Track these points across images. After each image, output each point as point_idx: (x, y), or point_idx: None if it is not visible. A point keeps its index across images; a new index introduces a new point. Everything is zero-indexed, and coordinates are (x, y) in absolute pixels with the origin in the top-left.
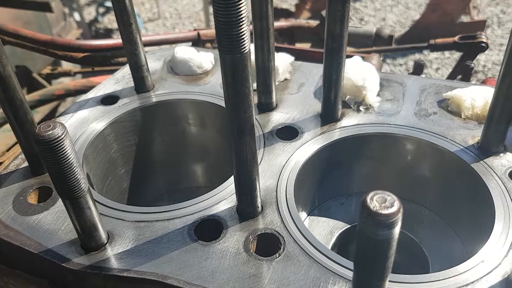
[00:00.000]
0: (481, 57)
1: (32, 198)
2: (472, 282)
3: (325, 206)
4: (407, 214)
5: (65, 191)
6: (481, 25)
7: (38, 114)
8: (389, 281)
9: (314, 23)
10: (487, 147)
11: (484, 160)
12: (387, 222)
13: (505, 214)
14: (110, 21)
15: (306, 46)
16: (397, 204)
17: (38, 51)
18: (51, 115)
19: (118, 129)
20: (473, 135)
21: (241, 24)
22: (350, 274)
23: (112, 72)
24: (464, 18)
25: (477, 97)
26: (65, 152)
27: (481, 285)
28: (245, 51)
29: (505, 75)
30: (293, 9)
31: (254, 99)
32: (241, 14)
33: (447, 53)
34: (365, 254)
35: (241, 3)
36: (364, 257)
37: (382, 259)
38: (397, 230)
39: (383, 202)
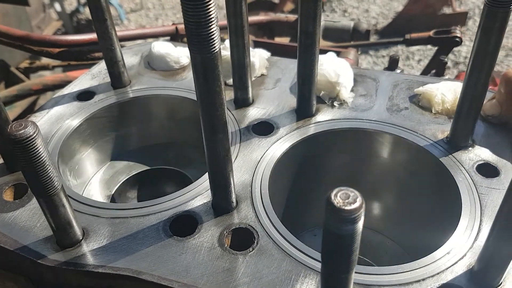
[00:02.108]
0: (463, 49)
1: (8, 195)
2: (438, 273)
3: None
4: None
5: (38, 189)
6: (463, 16)
7: (17, 109)
8: (356, 272)
9: (293, 17)
10: (456, 142)
11: (452, 154)
12: (350, 217)
13: (471, 206)
14: None
15: (285, 40)
16: (359, 200)
17: (13, 46)
18: (30, 109)
19: (94, 125)
20: (443, 129)
21: (210, 24)
22: (320, 267)
23: (91, 66)
24: (446, 10)
25: (448, 92)
26: (37, 151)
27: (447, 275)
28: (215, 51)
29: (472, 71)
30: (277, 0)
31: (231, 94)
32: (210, 15)
33: (429, 45)
34: (331, 249)
35: (210, 4)
36: (330, 252)
37: (347, 253)
38: (360, 224)
39: (347, 198)
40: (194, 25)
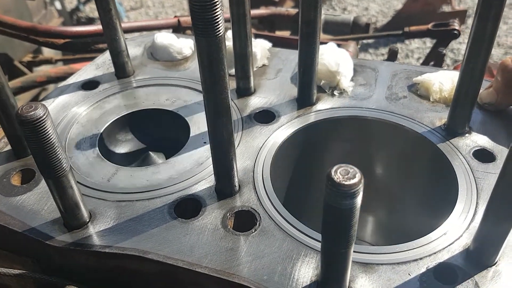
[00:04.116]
0: (462, 47)
1: (16, 180)
2: (435, 253)
3: None
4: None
5: (47, 170)
6: (462, 14)
7: (19, 102)
8: (355, 252)
9: (293, 11)
10: (453, 128)
11: (450, 140)
12: (349, 192)
13: (467, 190)
14: (91, 9)
15: (286, 33)
16: (358, 176)
17: (19, 37)
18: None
19: None
20: (441, 117)
21: (215, 7)
22: (320, 246)
23: (93, 59)
24: (445, 8)
25: (445, 81)
26: (47, 132)
27: (443, 255)
28: (220, 34)
29: (469, 60)
30: None
31: (233, 84)
32: None
33: (428, 43)
34: (331, 224)
35: None
36: (330, 227)
37: (346, 227)
38: (359, 199)
39: (346, 174)
40: (199, 8)
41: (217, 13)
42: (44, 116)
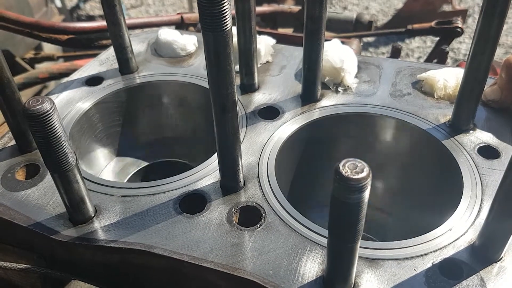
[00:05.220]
0: (462, 46)
1: (20, 175)
2: (440, 248)
3: None
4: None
5: (53, 165)
6: (463, 14)
7: (22, 99)
8: (361, 247)
9: (296, 8)
10: (457, 125)
11: (454, 137)
12: (357, 186)
13: (472, 186)
14: (92, 7)
15: (288, 31)
16: (366, 170)
17: (22, 33)
18: None
19: (102, 110)
20: (445, 114)
21: (222, 2)
22: (326, 242)
23: (95, 56)
24: (446, 7)
25: (450, 78)
26: (54, 126)
27: (449, 251)
28: (227, 29)
29: (474, 57)
30: None
31: (237, 80)
32: None
33: (428, 42)
34: (338, 218)
35: None
36: (337, 221)
37: (354, 222)
38: (367, 194)
39: (354, 168)
40: (207, 3)
41: (224, 7)
42: (51, 110)
